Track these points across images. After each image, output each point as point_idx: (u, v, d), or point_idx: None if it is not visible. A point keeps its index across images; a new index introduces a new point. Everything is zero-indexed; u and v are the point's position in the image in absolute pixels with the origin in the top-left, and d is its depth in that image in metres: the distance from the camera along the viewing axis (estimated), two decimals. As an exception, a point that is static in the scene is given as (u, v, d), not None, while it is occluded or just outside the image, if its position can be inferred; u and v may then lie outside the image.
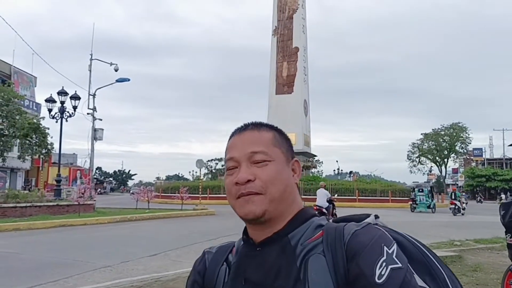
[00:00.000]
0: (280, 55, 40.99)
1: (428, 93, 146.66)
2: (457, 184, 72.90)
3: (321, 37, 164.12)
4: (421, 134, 75.10)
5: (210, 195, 33.88)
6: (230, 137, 0.98)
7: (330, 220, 0.92)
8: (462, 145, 72.29)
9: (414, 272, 0.82)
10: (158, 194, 35.13)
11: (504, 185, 59.89)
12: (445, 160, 73.50)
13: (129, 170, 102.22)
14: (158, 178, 78.25)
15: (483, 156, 76.53)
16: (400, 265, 0.78)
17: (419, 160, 75.52)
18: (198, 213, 20.97)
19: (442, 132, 71.57)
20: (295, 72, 40.40)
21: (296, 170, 0.96)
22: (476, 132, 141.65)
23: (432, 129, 73.02)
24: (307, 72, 43.02)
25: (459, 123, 71.02)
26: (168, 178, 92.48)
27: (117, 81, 23.44)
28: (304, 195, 33.38)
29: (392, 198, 33.93)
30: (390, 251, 0.79)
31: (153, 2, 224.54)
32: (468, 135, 70.80)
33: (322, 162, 69.30)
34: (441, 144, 71.86)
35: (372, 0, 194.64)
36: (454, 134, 70.51)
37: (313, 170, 46.31)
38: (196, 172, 68.29)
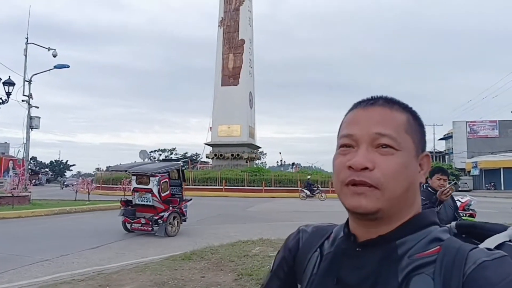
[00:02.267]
0: (226, 47, 40.93)
1: (369, 87, 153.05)
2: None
3: (267, 30, 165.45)
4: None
5: (153, 186, 33.34)
6: (352, 109, 0.80)
7: (452, 228, 0.76)
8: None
9: None
10: (99, 185, 34.01)
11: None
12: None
13: (67, 161, 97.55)
14: (98, 169, 75.54)
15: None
16: None
17: (357, 152, 78.57)
18: (141, 204, 20.61)
19: (379, 126, 74.93)
20: (240, 64, 40.55)
21: (424, 166, 0.77)
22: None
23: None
24: (252, 64, 43.31)
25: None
26: (109, 169, 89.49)
27: (55, 67, 22.31)
28: (248, 185, 33.88)
29: (332, 188, 35.22)
30: None
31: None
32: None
33: (266, 153, 70.47)
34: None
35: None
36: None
37: (257, 161, 46.92)
38: (138, 163, 66.51)
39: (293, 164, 67.24)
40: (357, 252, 0.76)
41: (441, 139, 70.42)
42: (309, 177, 33.81)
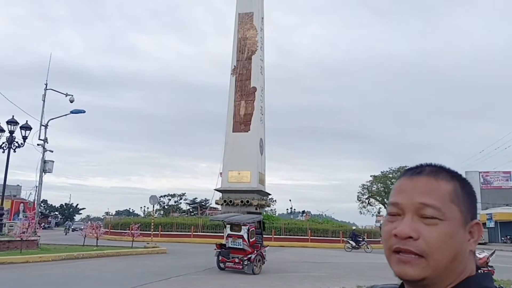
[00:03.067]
0: (238, 94, 41.80)
1: (378, 137, 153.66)
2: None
3: (278, 78, 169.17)
4: (371, 176, 77.66)
5: (162, 232, 33.06)
6: (400, 177, 0.84)
7: None
8: (408, 188, 75.27)
9: None
10: (108, 230, 33.80)
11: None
12: (393, 202, 75.96)
13: (77, 204, 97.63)
14: (107, 213, 75.42)
15: (428, 199, 79.71)
16: None
17: (368, 201, 77.70)
18: (149, 251, 20.37)
19: (390, 175, 74.45)
20: (252, 111, 41.19)
21: (474, 234, 0.79)
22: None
23: (381, 172, 75.94)
24: (263, 111, 43.96)
25: (405, 166, 74.01)
26: (118, 213, 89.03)
27: (71, 112, 22.91)
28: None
29: (343, 238, 34.53)
30: None
31: (113, 35, 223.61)
32: (414, 178, 74.05)
33: (275, 200, 69.84)
34: (389, 186, 74.52)
35: (327, 47, 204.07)
36: (401, 177, 73.53)
37: (266, 208, 46.45)
38: (147, 207, 66.43)
39: (303, 212, 66.41)
40: None
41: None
42: (354, 228, 34.18)
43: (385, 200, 75.94)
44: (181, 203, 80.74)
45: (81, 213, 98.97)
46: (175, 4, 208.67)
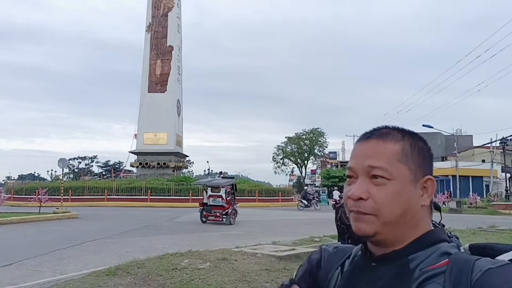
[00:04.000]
0: (154, 53, 40.09)
1: (293, 99, 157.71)
2: (315, 184, 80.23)
3: (195, 37, 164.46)
4: (285, 137, 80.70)
5: (72, 197, 31.51)
6: (356, 143, 0.89)
7: (463, 249, 0.82)
8: (320, 149, 79.78)
9: None
10: (10, 196, 31.36)
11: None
12: (305, 162, 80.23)
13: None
14: (9, 178, 69.79)
15: (337, 159, 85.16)
16: None
17: (282, 161, 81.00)
18: (59, 216, 19.36)
19: (304, 136, 77.93)
20: (168, 71, 39.92)
21: (428, 189, 0.82)
22: (331, 137, 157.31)
23: (295, 133, 79.09)
24: (181, 71, 42.84)
25: (318, 128, 78.13)
26: (22, 177, 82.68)
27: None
28: (175, 195, 33.26)
29: (259, 197, 35.78)
30: None
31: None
32: (325, 139, 78.61)
33: (193, 162, 69.79)
34: (302, 147, 78.20)
35: (246, 8, 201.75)
36: (314, 138, 77.46)
37: (184, 170, 46.25)
38: (55, 171, 62.58)
39: (220, 172, 67.20)
40: (373, 267, 0.83)
41: (360, 149, 74.69)
42: (306, 187, 35.83)
43: (298, 160, 79.73)
44: (92, 166, 77.41)
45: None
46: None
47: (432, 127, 36.20)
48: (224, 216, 17.73)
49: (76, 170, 72.10)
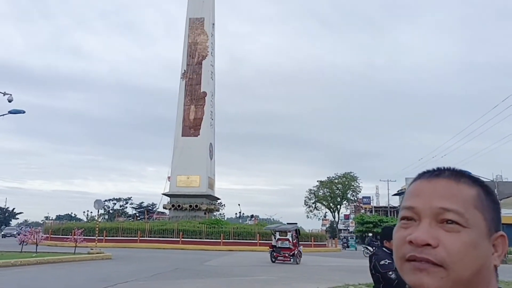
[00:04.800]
0: (188, 98, 41.49)
1: (325, 144, 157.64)
2: (348, 230, 78.03)
3: (228, 84, 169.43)
4: (317, 181, 79.78)
5: (106, 238, 31.97)
6: (415, 179, 0.75)
7: None
8: (353, 193, 78.21)
9: None
10: (48, 235, 32.16)
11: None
12: (338, 206, 78.63)
13: (13, 208, 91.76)
14: (47, 218, 71.77)
15: (371, 204, 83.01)
16: None
17: (315, 205, 79.68)
18: (94, 257, 19.64)
19: (336, 181, 76.87)
20: (202, 116, 41.03)
21: (498, 248, 0.69)
22: (365, 181, 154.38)
23: (327, 177, 78.17)
24: (213, 116, 43.91)
25: (351, 172, 77.06)
26: (59, 218, 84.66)
27: (10, 112, 21.67)
28: (206, 238, 33.16)
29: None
30: None
31: (57, 34, 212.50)
32: (359, 184, 77.19)
33: (224, 205, 69.72)
34: (334, 191, 76.96)
35: (278, 55, 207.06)
36: (346, 182, 76.23)
37: (215, 213, 46.28)
38: (91, 212, 63.98)
39: (252, 216, 66.80)
40: None
41: (394, 194, 72.72)
42: (370, 234, 38.01)
43: (331, 204, 78.27)
44: (127, 207, 78.57)
45: (17, 218, 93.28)
46: (124, 5, 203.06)
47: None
48: (291, 257, 20.85)
49: (111, 211, 73.32)
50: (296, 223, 28.55)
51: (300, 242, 22.73)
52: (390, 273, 3.52)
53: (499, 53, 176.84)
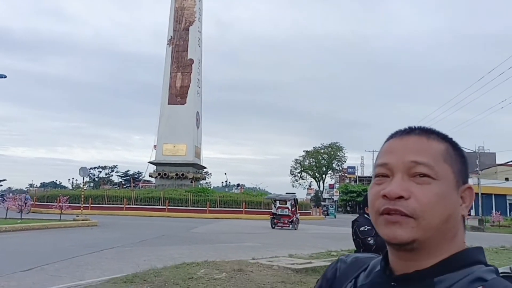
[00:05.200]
0: (175, 66, 40.78)
1: (312, 114, 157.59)
2: (333, 199, 79.50)
3: (216, 51, 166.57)
4: (304, 151, 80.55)
5: (92, 205, 32.00)
6: (388, 139, 0.78)
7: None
8: (338, 163, 79.34)
9: None
10: (32, 202, 32.02)
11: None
12: (323, 176, 79.77)
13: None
14: (31, 185, 71.36)
15: (356, 173, 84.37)
16: None
17: (300, 175, 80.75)
18: (79, 223, 19.68)
19: (322, 151, 77.65)
20: (188, 84, 40.50)
21: (466, 199, 0.73)
22: (350, 152, 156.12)
23: (314, 147, 78.94)
24: (200, 84, 43.38)
25: (336, 143, 77.87)
26: (44, 185, 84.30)
27: (-10, 76, 21.09)
28: (192, 206, 33.43)
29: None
30: None
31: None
32: (344, 154, 78.19)
33: (211, 174, 70.18)
34: (320, 161, 77.85)
35: (266, 22, 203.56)
36: (332, 152, 77.08)
37: (202, 181, 46.50)
38: (76, 180, 63.79)
39: (238, 185, 67.39)
40: (392, 287, 0.72)
41: (379, 164, 73.82)
42: None
43: (316, 174, 79.28)
44: (112, 175, 78.55)
45: (1, 185, 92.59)
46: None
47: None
48: (290, 223, 23.25)
49: (96, 179, 73.25)
50: (295, 193, 31.94)
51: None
52: (369, 239, 3.61)
53: (486, 25, 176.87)
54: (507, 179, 50.36)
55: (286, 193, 31.47)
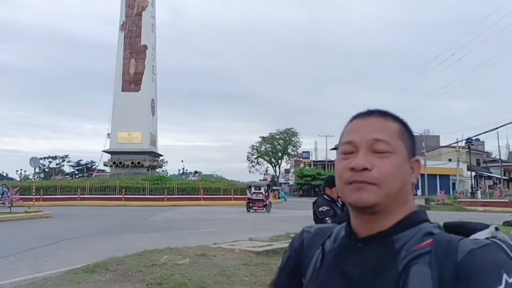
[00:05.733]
0: (128, 52, 39.67)
1: (267, 100, 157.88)
2: (289, 183, 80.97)
3: (170, 37, 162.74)
4: (260, 137, 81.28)
5: (44, 196, 30.89)
6: (351, 120, 0.91)
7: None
8: (293, 148, 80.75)
9: None
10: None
11: (326, 183, 68.45)
12: (279, 161, 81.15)
13: None
14: (-26, 177, 67.41)
15: (310, 158, 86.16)
16: None
17: (257, 161, 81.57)
18: (32, 215, 19.01)
19: (278, 136, 78.72)
20: (143, 70, 39.59)
21: (414, 169, 0.88)
22: (305, 137, 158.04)
23: (269, 133, 79.83)
24: (155, 71, 42.53)
25: (291, 128, 79.10)
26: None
27: None
28: (150, 194, 33.07)
29: (234, 196, 35.95)
30: (510, 281, 0.70)
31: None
32: (299, 139, 79.69)
33: (167, 161, 69.29)
34: (276, 147, 78.98)
35: (221, 8, 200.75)
36: (287, 138, 78.34)
37: (158, 169, 45.91)
38: (25, 171, 61.00)
39: (195, 172, 67.03)
40: (359, 248, 0.85)
41: (332, 149, 75.73)
42: None
43: (272, 159, 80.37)
44: (64, 165, 75.72)
45: None
46: None
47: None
48: (264, 207, 25.64)
49: (47, 170, 70.40)
50: (267, 180, 34.79)
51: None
52: (327, 219, 3.86)
53: (432, 12, 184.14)
54: (450, 160, 53.33)
55: (260, 180, 34.69)
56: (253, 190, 26.53)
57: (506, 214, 20.93)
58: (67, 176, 57.03)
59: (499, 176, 45.68)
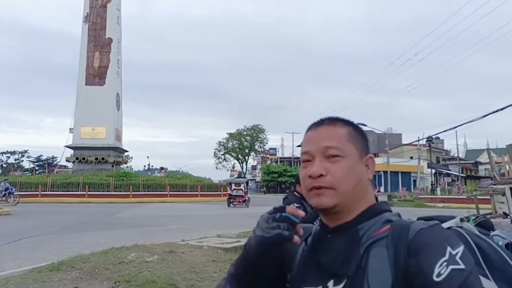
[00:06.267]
0: (92, 45, 38.64)
1: (234, 96, 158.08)
2: (255, 180, 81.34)
3: (136, 31, 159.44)
4: (227, 133, 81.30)
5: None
6: (307, 131, 1.02)
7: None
8: (260, 145, 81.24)
9: (491, 279, 0.86)
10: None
11: (292, 180, 69.26)
12: (246, 157, 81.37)
13: None
14: None
15: (277, 155, 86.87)
16: (463, 266, 0.79)
17: (224, 157, 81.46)
18: (-11, 213, 18.31)
19: (245, 133, 78.93)
20: (107, 64, 38.69)
21: (369, 166, 0.98)
22: (272, 133, 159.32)
23: (237, 130, 79.86)
24: (120, 65, 41.63)
25: (259, 125, 79.51)
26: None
27: None
28: (114, 191, 32.44)
29: (201, 192, 35.82)
30: (454, 252, 0.80)
31: None
32: (266, 136, 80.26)
33: (132, 157, 68.21)
34: (243, 143, 79.15)
35: (188, 1, 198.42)
36: (254, 134, 78.70)
37: (123, 165, 45.08)
38: (-20, 166, 58.47)
39: (161, 168, 66.27)
40: (329, 238, 0.96)
41: (299, 146, 76.50)
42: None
43: (239, 156, 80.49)
44: (23, 161, 73.03)
45: None
46: None
47: (365, 125, 38.04)
48: (243, 202, 27.78)
49: (4, 165, 67.66)
50: (246, 177, 38.17)
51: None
52: None
53: (396, 12, 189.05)
54: (411, 157, 55.08)
55: (237, 177, 37.91)
56: (233, 187, 28.44)
57: (463, 210, 21.90)
58: (27, 172, 55.12)
59: (457, 174, 47.62)
